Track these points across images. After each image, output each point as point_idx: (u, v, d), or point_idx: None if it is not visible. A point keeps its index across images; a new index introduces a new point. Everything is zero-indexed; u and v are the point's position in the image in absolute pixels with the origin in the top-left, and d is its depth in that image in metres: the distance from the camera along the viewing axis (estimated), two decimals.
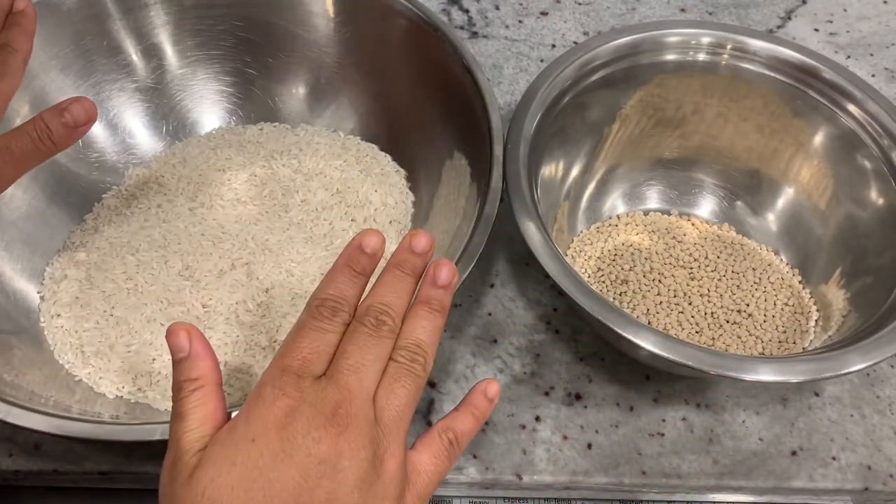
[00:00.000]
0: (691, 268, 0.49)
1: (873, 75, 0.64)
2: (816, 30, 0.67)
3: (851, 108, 0.47)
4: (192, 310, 0.44)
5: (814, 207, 0.49)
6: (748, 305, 0.48)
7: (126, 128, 0.52)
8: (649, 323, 0.47)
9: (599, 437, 0.43)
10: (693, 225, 0.52)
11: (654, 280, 0.49)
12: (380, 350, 0.29)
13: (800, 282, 0.49)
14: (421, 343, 0.30)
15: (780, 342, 0.47)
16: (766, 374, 0.36)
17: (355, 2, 0.52)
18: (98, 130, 0.51)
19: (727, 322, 0.47)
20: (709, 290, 0.48)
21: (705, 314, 0.47)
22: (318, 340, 0.29)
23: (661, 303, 0.48)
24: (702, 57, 0.50)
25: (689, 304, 0.48)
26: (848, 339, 0.40)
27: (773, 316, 0.48)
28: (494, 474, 0.42)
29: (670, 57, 0.50)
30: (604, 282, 0.49)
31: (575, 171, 0.51)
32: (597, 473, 0.42)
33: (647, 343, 0.37)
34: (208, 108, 0.55)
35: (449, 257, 0.40)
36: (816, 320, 0.47)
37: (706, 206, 0.53)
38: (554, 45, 0.64)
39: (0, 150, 0.35)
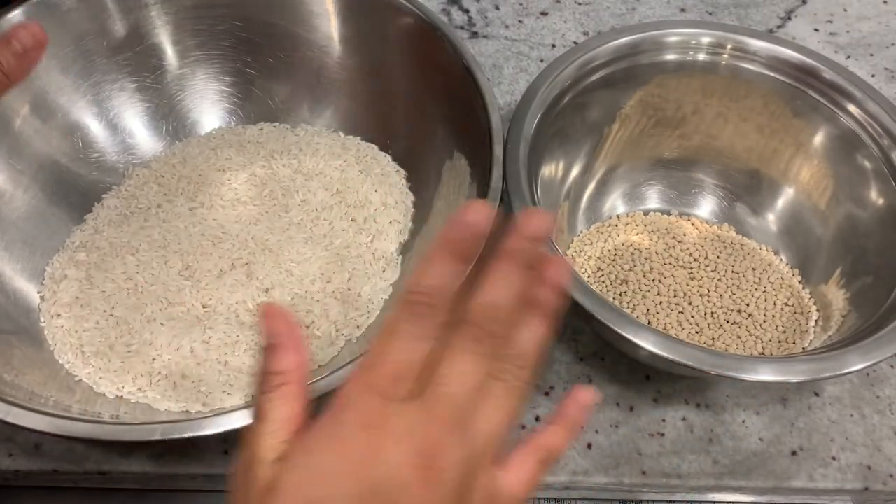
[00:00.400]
0: (691, 268, 0.49)
1: (873, 75, 0.64)
2: (816, 30, 0.67)
3: (851, 108, 0.47)
4: (192, 310, 0.44)
5: (814, 207, 0.49)
6: (748, 305, 0.48)
7: (126, 128, 0.52)
8: (649, 323, 0.47)
9: (599, 437, 0.43)
10: (693, 225, 0.52)
11: (654, 280, 0.49)
12: (483, 368, 0.26)
13: (800, 282, 0.49)
14: (527, 356, 0.26)
15: (780, 342, 0.47)
16: (766, 374, 0.36)
17: (355, 2, 0.52)
18: (98, 130, 0.51)
19: (727, 322, 0.47)
20: (709, 290, 0.48)
21: (705, 314, 0.47)
22: (410, 349, 0.25)
23: (661, 303, 0.48)
24: (702, 57, 0.50)
25: (689, 304, 0.48)
26: (848, 339, 0.40)
27: (773, 316, 0.48)
28: None
29: (670, 57, 0.49)
30: (604, 282, 0.49)
31: (575, 171, 0.51)
32: (597, 473, 0.42)
33: (647, 343, 0.37)
34: (208, 108, 0.55)
35: None
36: (816, 320, 0.47)
37: (706, 206, 0.53)
38: (554, 45, 0.64)
39: None
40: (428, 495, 0.24)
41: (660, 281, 0.48)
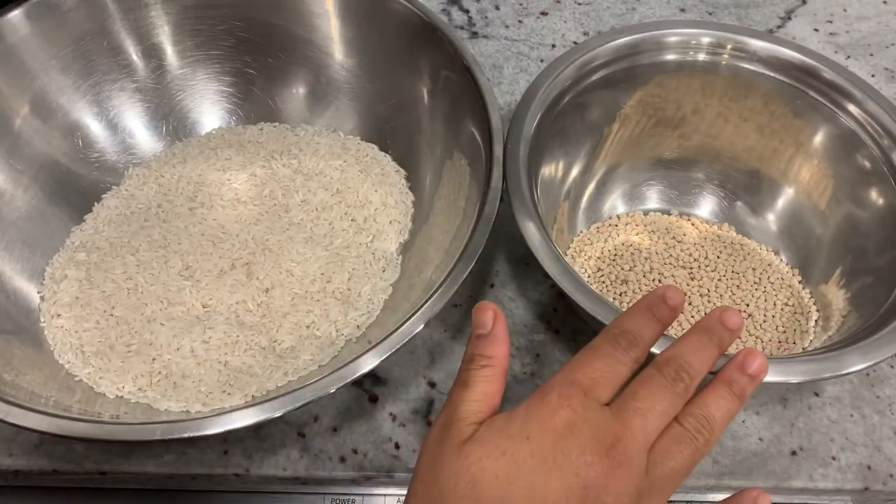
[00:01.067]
0: (691, 268, 0.49)
1: (873, 75, 0.64)
2: (816, 30, 0.67)
3: (851, 108, 0.47)
4: (192, 310, 0.44)
5: (814, 207, 0.49)
6: (748, 305, 0.48)
7: (126, 128, 0.52)
8: None
9: None
10: (693, 225, 0.52)
11: (654, 280, 0.49)
12: (669, 404, 0.29)
13: (800, 282, 0.49)
14: (711, 419, 0.29)
15: (780, 342, 0.47)
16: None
17: (355, 2, 0.52)
18: (98, 130, 0.51)
19: None
20: (709, 291, 0.48)
21: (705, 314, 0.47)
22: (610, 367, 0.29)
23: None
24: (702, 57, 0.50)
25: (689, 304, 0.48)
26: (848, 339, 0.40)
27: (773, 316, 0.48)
28: None
29: (670, 57, 0.50)
30: (604, 282, 0.49)
31: (575, 171, 0.51)
32: None
33: None
34: (208, 108, 0.55)
35: (449, 257, 0.40)
36: (816, 320, 0.47)
37: (706, 206, 0.53)
38: (554, 45, 0.64)
39: None
40: (611, 481, 0.27)
41: (660, 281, 0.48)
